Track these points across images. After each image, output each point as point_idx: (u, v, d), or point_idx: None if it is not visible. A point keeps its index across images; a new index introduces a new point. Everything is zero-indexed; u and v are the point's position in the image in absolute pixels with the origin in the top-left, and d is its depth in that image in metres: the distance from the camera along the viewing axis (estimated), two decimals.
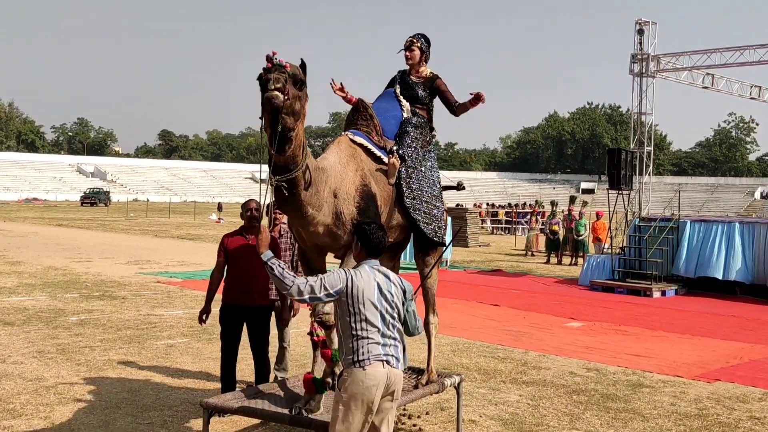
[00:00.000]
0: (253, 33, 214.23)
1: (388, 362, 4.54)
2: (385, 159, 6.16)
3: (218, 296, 7.08)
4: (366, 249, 4.77)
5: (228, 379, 6.97)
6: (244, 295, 6.84)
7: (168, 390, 7.98)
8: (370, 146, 6.07)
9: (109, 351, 9.71)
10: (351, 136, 6.06)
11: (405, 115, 6.63)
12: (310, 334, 5.79)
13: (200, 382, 8.41)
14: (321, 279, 4.61)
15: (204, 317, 7.02)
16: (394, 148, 6.30)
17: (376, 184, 5.87)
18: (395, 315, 4.67)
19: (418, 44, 6.77)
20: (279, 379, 7.69)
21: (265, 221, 5.41)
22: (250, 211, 6.92)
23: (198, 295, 14.98)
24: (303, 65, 5.05)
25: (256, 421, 6.50)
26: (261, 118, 5.04)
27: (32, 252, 20.45)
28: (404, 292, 4.76)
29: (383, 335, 4.58)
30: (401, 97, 6.73)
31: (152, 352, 9.78)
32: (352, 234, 5.18)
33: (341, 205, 5.50)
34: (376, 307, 4.57)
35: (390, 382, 4.56)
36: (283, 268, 4.64)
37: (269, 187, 5.18)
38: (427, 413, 7.28)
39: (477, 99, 6.64)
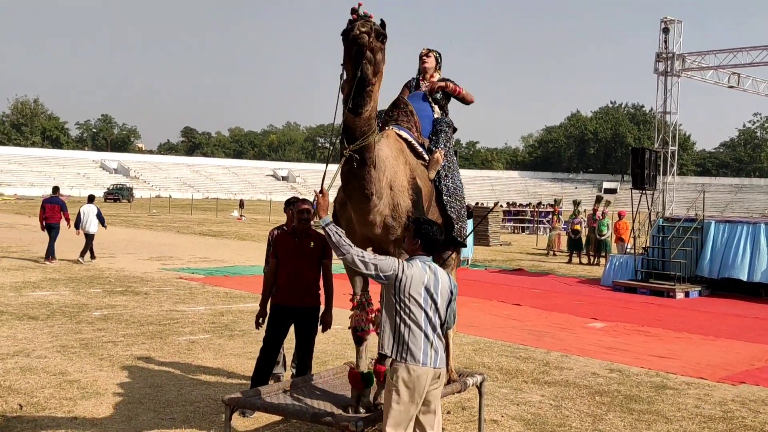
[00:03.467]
0: (273, 31, 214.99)
1: (426, 363, 4.67)
2: (425, 155, 6.22)
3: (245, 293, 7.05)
4: (423, 245, 4.89)
5: (262, 376, 6.90)
6: (293, 296, 6.78)
7: (190, 386, 8.00)
8: (413, 142, 6.15)
9: (131, 346, 9.76)
10: (397, 131, 6.11)
11: (436, 115, 6.73)
12: (354, 329, 5.80)
13: (222, 378, 8.42)
14: (375, 258, 4.76)
15: (261, 321, 6.94)
16: (431, 146, 6.41)
17: (420, 179, 5.91)
18: (438, 314, 4.79)
19: (434, 54, 7.07)
20: (276, 374, 7.75)
21: (326, 184, 5.24)
22: (301, 213, 6.76)
23: (220, 291, 15.05)
24: (383, 24, 5.06)
25: (277, 418, 6.50)
26: (341, 75, 5.05)
27: (56, 247, 20.53)
28: (450, 292, 4.88)
29: (425, 333, 4.70)
30: (430, 98, 6.83)
31: (174, 347, 9.82)
32: (404, 229, 5.25)
33: (397, 197, 5.50)
34: (421, 305, 4.70)
35: (433, 379, 4.73)
36: (340, 235, 4.79)
37: (330, 155, 5.16)
38: (448, 412, 7.25)
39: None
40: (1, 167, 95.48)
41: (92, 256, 19.68)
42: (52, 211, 19.02)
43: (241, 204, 57.22)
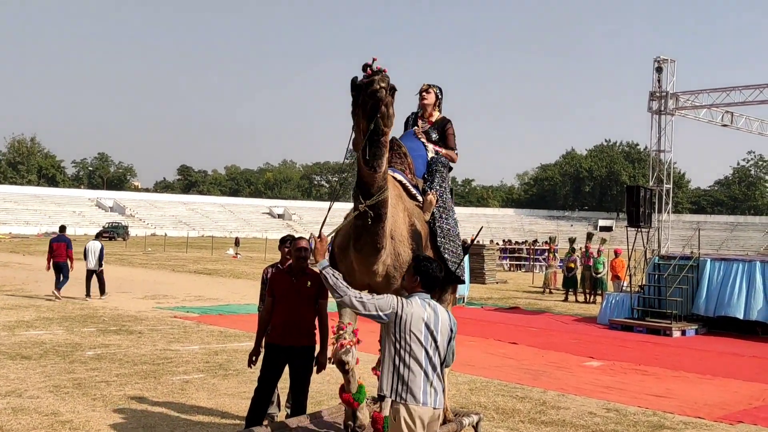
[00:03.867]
0: (270, 70, 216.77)
1: (427, 403, 4.64)
2: (419, 197, 6.23)
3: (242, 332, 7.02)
4: (423, 282, 4.87)
5: (257, 417, 6.80)
6: (288, 335, 6.72)
7: (183, 426, 7.92)
8: (407, 184, 6.16)
9: (125, 386, 9.68)
10: (391, 174, 6.11)
11: (430, 154, 6.73)
12: (339, 362, 5.76)
13: (216, 418, 8.35)
14: (373, 298, 4.74)
15: (254, 359, 6.90)
16: (426, 187, 6.40)
17: (417, 222, 5.92)
18: (438, 352, 4.75)
19: (435, 90, 7.06)
20: (270, 414, 7.68)
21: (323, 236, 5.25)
22: (299, 251, 6.74)
23: (214, 330, 14.97)
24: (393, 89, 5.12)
25: None
26: (353, 128, 5.11)
27: (50, 286, 20.47)
28: (451, 329, 4.85)
29: (425, 372, 4.67)
30: (423, 137, 6.83)
31: (168, 387, 9.74)
32: (404, 276, 5.25)
33: (398, 247, 5.51)
34: (421, 342, 4.67)
35: (431, 419, 4.70)
36: (337, 278, 4.79)
37: (331, 206, 5.19)
38: None
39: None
40: None
41: (101, 290, 19.91)
42: (59, 249, 19.40)
43: (237, 242, 57.12)
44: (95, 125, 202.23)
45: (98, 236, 20.83)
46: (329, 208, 5.53)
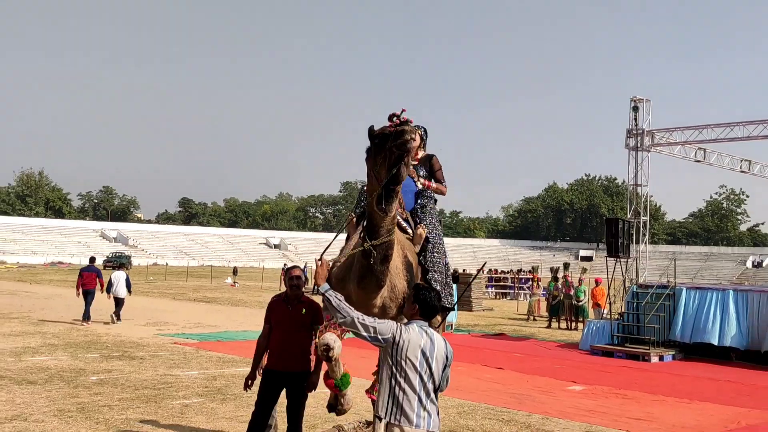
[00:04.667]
0: (267, 107, 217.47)
1: (420, 425, 4.61)
2: (409, 230, 6.23)
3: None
4: (421, 311, 4.86)
5: None
6: (284, 361, 6.68)
7: None
8: (398, 218, 6.16)
9: (127, 410, 9.59)
10: None
11: (419, 187, 6.74)
12: (324, 350, 5.70)
13: None
14: (375, 322, 4.72)
15: (249, 383, 6.83)
16: (417, 220, 6.40)
17: (409, 253, 5.92)
18: (433, 378, 4.72)
19: (419, 132, 7.01)
20: None
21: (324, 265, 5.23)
22: (292, 280, 6.75)
23: (213, 356, 14.87)
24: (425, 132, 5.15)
25: None
26: (369, 174, 5.10)
27: (56, 313, 20.41)
28: (446, 357, 4.82)
29: (419, 396, 4.64)
30: (413, 172, 6.82)
31: (168, 411, 9.66)
32: (400, 308, 5.26)
33: (394, 279, 5.52)
34: (416, 369, 4.66)
35: None
36: (339, 299, 4.77)
37: (337, 234, 5.19)
38: None
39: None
40: (5, 236, 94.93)
41: (118, 318, 20.69)
42: (90, 278, 20.37)
43: (235, 271, 57.01)
44: (100, 160, 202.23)
45: (120, 267, 22.60)
46: (333, 238, 5.53)
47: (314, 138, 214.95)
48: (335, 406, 5.73)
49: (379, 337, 4.68)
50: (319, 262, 4.98)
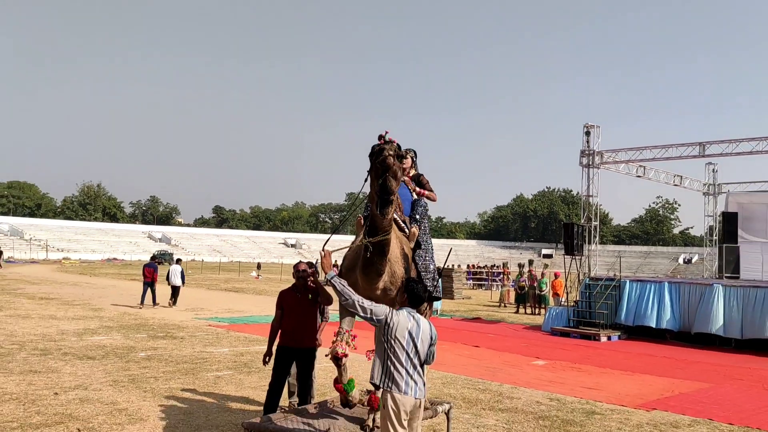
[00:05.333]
0: (285, 131, 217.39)
1: (408, 393, 4.66)
2: (406, 230, 6.26)
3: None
4: (409, 300, 4.94)
5: (272, 404, 6.69)
6: (295, 339, 6.69)
7: (216, 413, 7.82)
8: (398, 219, 6.19)
9: (169, 381, 9.56)
10: None
11: (414, 197, 6.75)
12: (333, 357, 5.67)
13: (242, 406, 8.25)
14: (372, 305, 4.82)
15: (267, 359, 6.78)
16: (411, 222, 6.45)
17: (405, 247, 5.94)
18: (419, 355, 4.77)
19: (410, 154, 6.97)
20: (292, 402, 7.57)
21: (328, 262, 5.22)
22: (299, 272, 6.79)
23: (240, 336, 14.84)
24: (400, 147, 5.16)
25: None
26: (370, 184, 5.12)
27: (111, 301, 20.34)
28: (431, 337, 4.86)
29: (406, 369, 4.69)
30: (411, 185, 6.82)
31: (204, 381, 9.63)
32: (399, 291, 5.27)
33: (394, 266, 5.52)
34: (403, 347, 4.73)
35: (414, 407, 4.72)
36: (344, 285, 4.87)
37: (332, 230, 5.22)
38: None
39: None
40: (69, 237, 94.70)
41: (174, 302, 21.66)
42: (151, 272, 21.23)
43: (259, 266, 56.78)
44: (148, 174, 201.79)
45: (177, 261, 23.98)
46: (330, 236, 5.56)
47: (324, 156, 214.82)
48: (345, 401, 5.74)
49: (374, 318, 4.77)
50: (323, 253, 5.03)
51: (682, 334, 16.81)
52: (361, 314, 4.77)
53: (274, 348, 6.77)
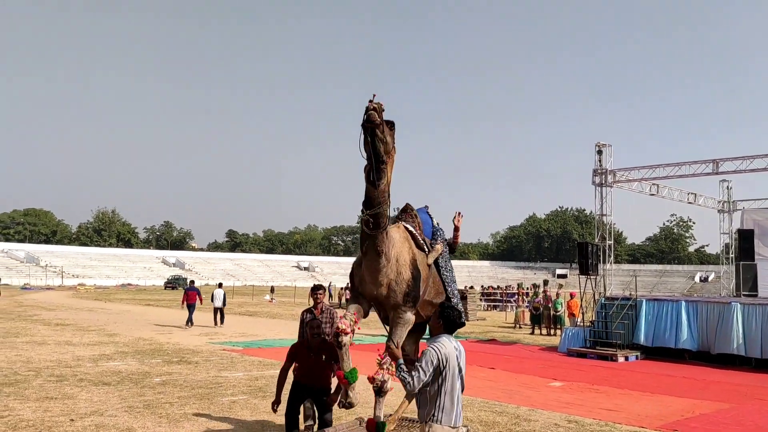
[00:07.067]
0: (297, 156, 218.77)
1: (457, 424, 4.48)
2: (425, 247, 6.32)
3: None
4: (444, 326, 4.67)
5: (291, 425, 6.58)
6: (309, 378, 6.55)
7: None
8: (416, 234, 6.27)
9: (184, 406, 9.53)
10: (404, 225, 6.30)
11: (435, 223, 6.84)
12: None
13: (258, 431, 8.18)
14: (424, 365, 4.43)
15: (275, 407, 6.60)
16: (432, 242, 6.55)
17: (420, 264, 5.95)
18: (461, 379, 4.58)
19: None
20: (307, 425, 7.46)
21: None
22: (314, 329, 6.54)
23: (255, 360, 14.79)
24: (392, 123, 5.18)
25: None
26: (363, 154, 5.14)
27: (126, 326, 20.40)
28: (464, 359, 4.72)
29: (458, 399, 4.49)
30: (430, 214, 6.95)
31: (219, 406, 9.59)
32: (404, 295, 5.24)
33: (401, 268, 5.55)
34: (454, 375, 4.46)
35: None
36: (403, 371, 4.51)
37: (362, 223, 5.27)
38: None
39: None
40: (84, 263, 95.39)
41: (222, 321, 24.00)
42: (192, 294, 23.60)
43: (272, 290, 56.82)
44: (162, 199, 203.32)
45: (219, 285, 26.12)
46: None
47: (335, 180, 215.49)
48: (344, 400, 5.62)
49: (437, 365, 4.44)
50: (394, 347, 5.01)
51: (701, 354, 16.56)
52: (424, 379, 4.41)
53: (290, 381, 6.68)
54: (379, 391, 5.62)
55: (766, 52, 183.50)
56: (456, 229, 7.18)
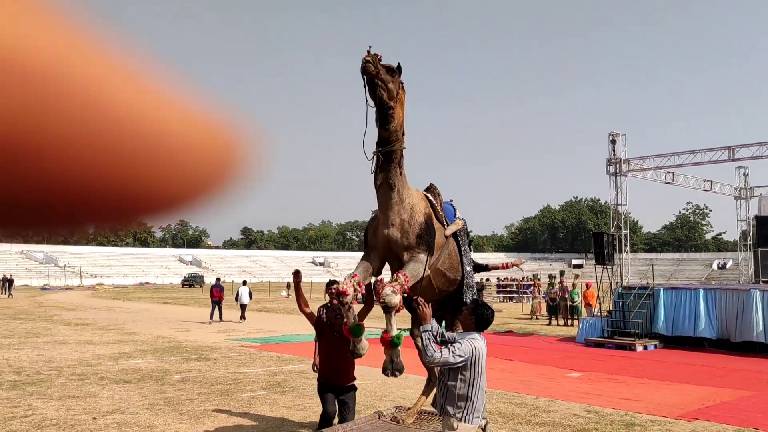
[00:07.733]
0: (309, 154, 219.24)
1: (484, 416, 4.57)
2: (443, 222, 6.29)
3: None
4: (477, 323, 4.73)
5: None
6: (332, 378, 6.58)
7: None
8: (435, 205, 6.23)
9: (204, 402, 9.60)
10: (425, 194, 6.29)
11: (457, 214, 6.80)
12: (338, 293, 5.41)
13: (277, 427, 8.23)
14: (450, 349, 4.49)
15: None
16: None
17: (435, 224, 5.92)
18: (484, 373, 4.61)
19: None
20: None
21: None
22: (335, 311, 6.54)
23: (273, 356, 14.86)
24: (400, 66, 5.23)
25: None
26: (367, 102, 5.17)
27: (144, 324, 20.56)
28: None
29: (484, 397, 4.55)
30: (454, 206, 6.90)
31: (238, 402, 9.65)
32: (417, 237, 5.25)
33: (415, 213, 5.57)
34: (483, 369, 4.51)
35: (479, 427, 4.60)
36: (429, 340, 4.54)
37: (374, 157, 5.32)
38: None
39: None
40: (102, 263, 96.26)
41: (243, 318, 24.71)
42: (218, 292, 24.50)
43: (288, 285, 56.97)
44: None
45: (244, 283, 26.77)
46: (421, 276, 5.41)
47: (347, 175, 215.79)
48: (353, 351, 5.50)
49: (463, 357, 4.47)
50: (422, 302, 4.93)
51: (720, 342, 16.41)
52: (453, 362, 4.44)
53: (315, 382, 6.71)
54: (387, 308, 5.37)
55: None
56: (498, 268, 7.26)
